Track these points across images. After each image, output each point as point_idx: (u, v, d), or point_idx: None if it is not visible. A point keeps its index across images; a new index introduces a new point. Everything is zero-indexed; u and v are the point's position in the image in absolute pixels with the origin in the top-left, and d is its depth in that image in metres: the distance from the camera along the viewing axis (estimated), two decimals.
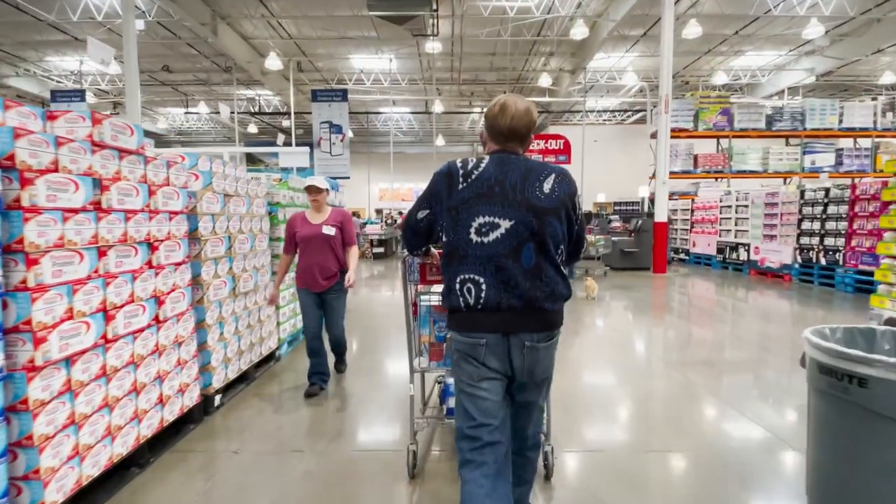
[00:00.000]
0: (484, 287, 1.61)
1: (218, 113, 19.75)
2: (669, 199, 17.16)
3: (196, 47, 15.83)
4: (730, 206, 11.60)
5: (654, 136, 16.68)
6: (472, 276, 1.63)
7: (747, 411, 3.40)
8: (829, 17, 13.29)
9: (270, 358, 4.51)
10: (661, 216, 10.99)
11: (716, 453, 2.83)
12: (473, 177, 1.66)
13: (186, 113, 21.00)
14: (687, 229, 13.69)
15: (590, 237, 10.37)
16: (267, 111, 21.54)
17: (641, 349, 5.10)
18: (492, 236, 1.61)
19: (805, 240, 9.28)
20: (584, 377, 4.16)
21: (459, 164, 1.70)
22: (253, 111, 21.20)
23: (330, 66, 17.51)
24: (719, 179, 16.38)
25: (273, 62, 14.59)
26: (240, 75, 17.85)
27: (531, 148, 14.31)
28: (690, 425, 3.24)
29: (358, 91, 18.90)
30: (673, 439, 2.99)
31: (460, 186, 1.66)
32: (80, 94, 15.15)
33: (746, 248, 10.87)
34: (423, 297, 2.50)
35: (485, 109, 2.17)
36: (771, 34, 15.24)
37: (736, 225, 11.37)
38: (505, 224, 1.61)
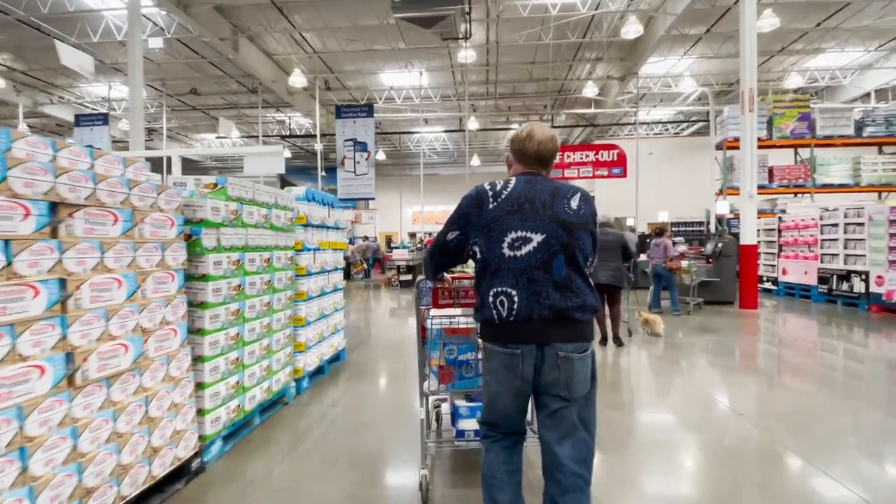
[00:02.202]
0: (516, 299, 1.63)
1: (253, 136, 18.88)
2: (738, 218, 14.68)
3: (221, 68, 14.92)
4: (835, 225, 9.11)
5: (719, 146, 14.35)
6: (505, 288, 1.65)
7: None
8: None
9: (180, 474, 2.67)
10: (748, 237, 8.66)
11: None
12: (503, 196, 1.70)
13: (218, 138, 20.26)
14: (773, 253, 11.17)
15: (683, 263, 8.21)
16: (299, 134, 20.52)
17: (751, 437, 2.98)
18: (524, 250, 1.64)
19: None
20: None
21: (488, 186, 1.75)
22: (283, 135, 20.23)
23: (359, 84, 16.23)
24: (800, 195, 13.81)
25: (297, 79, 13.39)
26: (267, 96, 16.86)
27: (582, 160, 12.36)
28: None
29: (388, 109, 17.52)
30: None
31: (491, 206, 1.70)
32: (102, 118, 14.45)
33: (863, 277, 8.35)
34: (434, 321, 2.39)
35: (514, 129, 2.02)
36: (858, 25, 12.77)
37: (846, 248, 8.87)
38: (537, 238, 1.65)
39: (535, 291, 1.62)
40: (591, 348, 1.71)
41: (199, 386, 2.88)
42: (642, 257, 10.48)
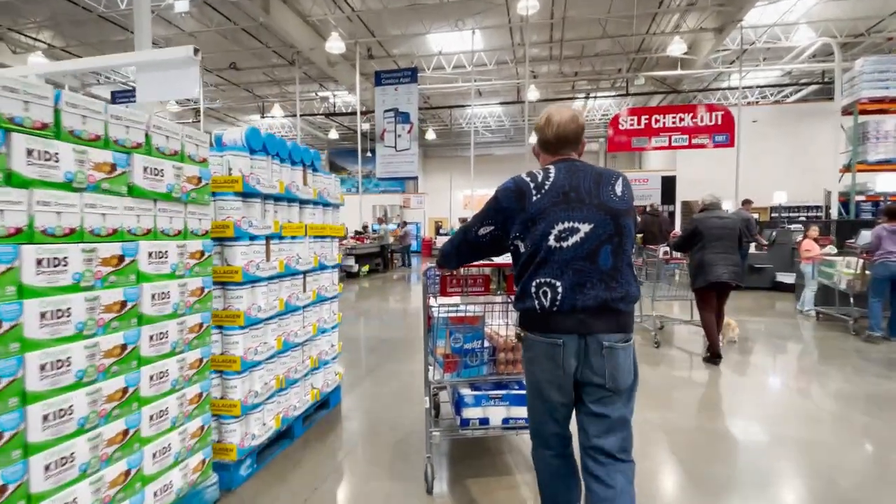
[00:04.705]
0: (560, 290, 1.57)
1: (294, 116, 17.53)
2: (874, 200, 11.40)
3: (258, 37, 13.46)
4: None
5: (848, 111, 11.18)
6: (548, 279, 1.58)
7: None
8: None
9: None
10: None
11: None
12: (547, 187, 1.62)
13: (263, 117, 19.11)
14: None
15: (845, 265, 5.67)
16: (345, 112, 18.93)
17: None
18: (571, 241, 1.58)
19: None
20: None
21: (528, 178, 1.66)
22: (328, 113, 18.75)
23: (404, 52, 14.23)
24: None
25: (336, 44, 11.65)
26: (308, 69, 15.31)
27: (675, 125, 9.77)
28: None
29: (437, 80, 15.43)
30: None
31: (534, 198, 1.62)
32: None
33: None
34: (440, 308, 2.34)
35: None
36: None
37: None
38: (584, 228, 1.58)
39: (579, 282, 1.55)
40: (633, 339, 1.64)
41: None
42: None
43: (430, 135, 20.69)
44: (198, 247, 2.07)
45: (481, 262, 2.29)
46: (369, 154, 19.55)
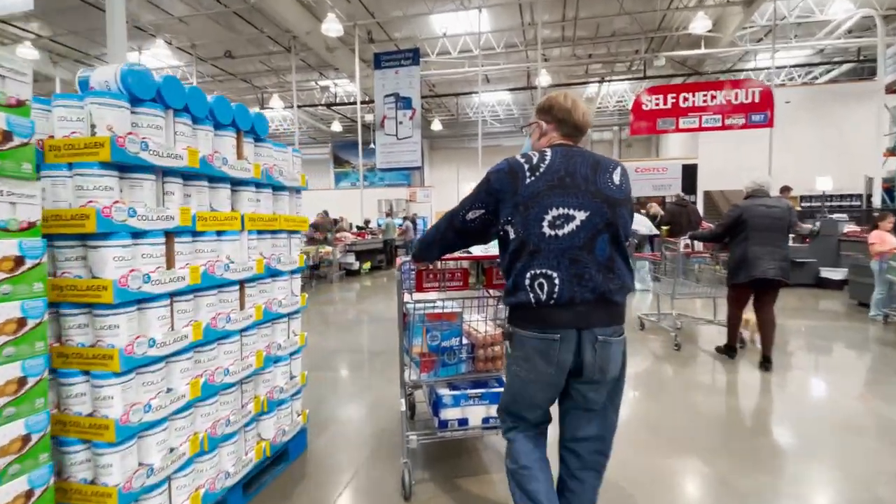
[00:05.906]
0: (557, 282, 1.47)
1: (291, 106, 16.74)
2: None
3: (252, 21, 12.65)
4: None
5: (892, 89, 10.09)
6: (544, 270, 1.48)
7: None
8: None
9: None
10: None
11: None
12: (542, 170, 1.52)
13: (262, 109, 18.31)
14: None
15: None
16: (346, 102, 18.06)
17: None
18: (566, 228, 1.49)
19: None
20: None
21: (523, 160, 1.56)
22: (329, 103, 17.89)
23: (406, 35, 13.31)
24: None
25: (333, 26, 10.79)
26: (306, 56, 14.45)
27: (705, 104, 8.87)
28: None
29: (443, 65, 14.49)
30: None
31: (528, 181, 1.52)
32: None
33: None
34: (416, 305, 2.19)
35: (543, 98, 1.70)
36: None
37: None
38: (580, 216, 1.49)
39: (577, 273, 1.47)
40: (624, 330, 1.56)
41: None
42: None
43: (436, 125, 19.77)
44: (7, 250, 1.21)
45: (458, 255, 2.06)
46: (373, 146, 18.76)
